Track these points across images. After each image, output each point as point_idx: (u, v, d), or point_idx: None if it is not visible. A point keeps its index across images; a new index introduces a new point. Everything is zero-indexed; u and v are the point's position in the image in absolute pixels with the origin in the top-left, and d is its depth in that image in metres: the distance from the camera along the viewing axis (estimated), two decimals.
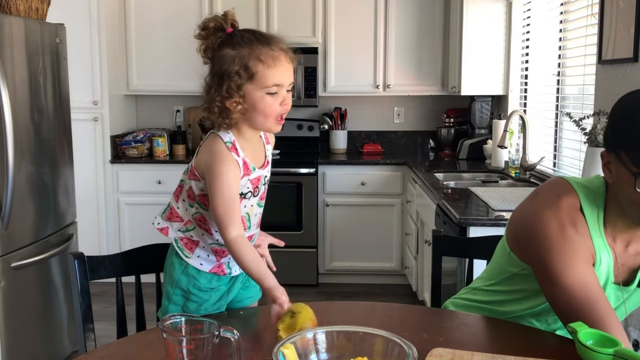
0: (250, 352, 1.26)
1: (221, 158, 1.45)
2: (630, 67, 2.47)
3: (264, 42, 1.43)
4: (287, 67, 1.46)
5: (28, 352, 2.86)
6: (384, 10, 4.45)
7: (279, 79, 1.43)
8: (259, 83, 1.42)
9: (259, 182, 1.54)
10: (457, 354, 1.19)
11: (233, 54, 1.41)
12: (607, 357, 1.15)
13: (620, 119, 1.30)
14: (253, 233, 1.60)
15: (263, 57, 1.41)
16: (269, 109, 1.44)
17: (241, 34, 1.44)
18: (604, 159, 1.32)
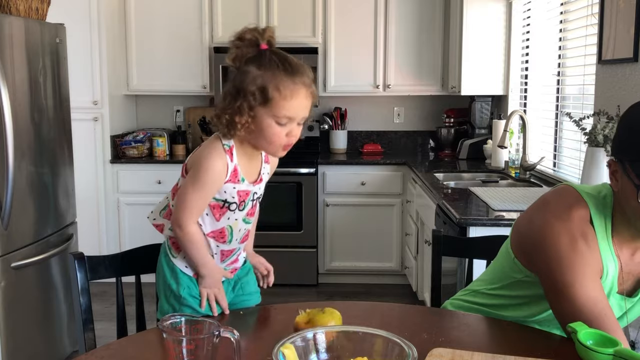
0: (250, 352, 1.26)
1: (212, 153, 1.46)
2: (630, 67, 2.47)
3: (289, 71, 1.41)
4: (304, 102, 1.43)
5: (28, 352, 2.86)
6: (384, 10, 4.45)
7: (291, 113, 1.42)
8: (271, 111, 1.41)
9: (247, 197, 1.53)
10: (457, 354, 1.19)
11: (255, 74, 1.41)
12: (607, 357, 1.15)
13: (626, 129, 1.30)
14: (234, 247, 1.58)
15: (282, 87, 1.39)
16: (275, 138, 1.44)
17: (270, 56, 1.42)
18: (611, 167, 1.32)
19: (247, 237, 1.63)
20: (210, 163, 1.45)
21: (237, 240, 1.57)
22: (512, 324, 1.44)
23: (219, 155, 1.46)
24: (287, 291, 4.16)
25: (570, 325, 1.22)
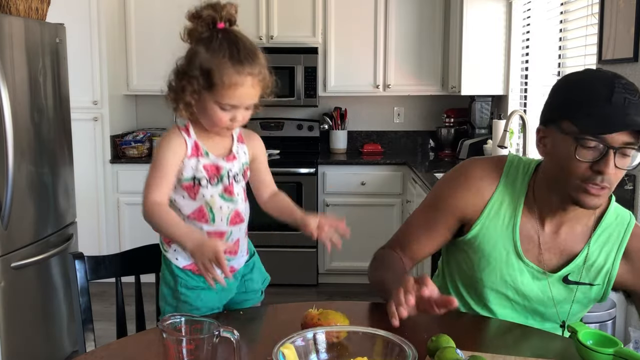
0: (250, 352, 1.26)
1: (166, 134, 1.50)
2: (630, 67, 2.47)
3: (235, 59, 1.38)
4: (249, 91, 1.41)
5: (28, 352, 2.86)
6: (384, 10, 4.45)
7: (235, 101, 1.41)
8: (214, 96, 1.40)
9: (219, 172, 1.51)
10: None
11: (202, 58, 1.40)
12: (607, 357, 1.15)
13: (562, 91, 1.35)
14: (223, 230, 1.53)
15: (225, 77, 1.38)
16: (217, 120, 1.44)
17: (220, 40, 1.40)
18: (539, 134, 1.38)
19: (240, 221, 1.57)
20: (164, 141, 1.48)
21: (222, 220, 1.52)
22: (513, 324, 1.44)
23: (173, 133, 1.49)
24: (287, 291, 4.16)
25: (570, 325, 1.22)
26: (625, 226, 1.44)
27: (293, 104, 4.44)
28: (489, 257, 1.45)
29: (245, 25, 4.70)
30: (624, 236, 1.43)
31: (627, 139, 1.25)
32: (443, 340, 1.16)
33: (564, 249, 1.43)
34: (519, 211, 1.44)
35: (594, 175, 1.26)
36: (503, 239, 1.44)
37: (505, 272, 1.44)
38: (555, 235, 1.43)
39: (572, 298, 1.44)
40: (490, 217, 1.45)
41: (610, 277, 1.43)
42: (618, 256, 1.42)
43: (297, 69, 4.39)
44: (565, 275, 1.43)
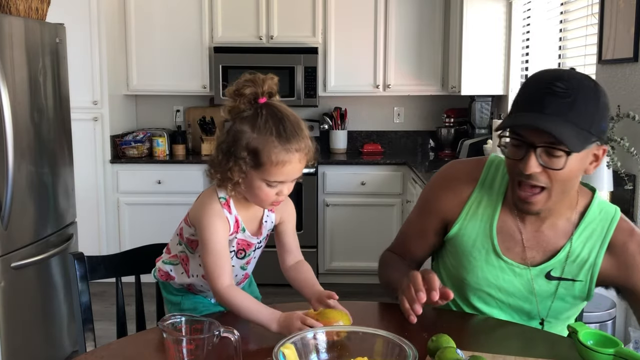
0: (250, 352, 1.26)
1: (211, 212, 1.43)
2: (630, 67, 2.47)
3: (283, 137, 1.36)
4: (296, 166, 1.40)
5: (28, 352, 2.86)
6: (384, 10, 4.45)
7: (283, 178, 1.40)
8: (262, 175, 1.38)
9: (249, 249, 1.51)
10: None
11: (248, 137, 1.36)
12: (607, 357, 1.15)
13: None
14: None
15: (274, 155, 1.35)
16: (264, 197, 1.42)
17: (267, 117, 1.37)
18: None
19: (245, 279, 1.61)
20: (211, 223, 1.42)
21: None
22: (513, 324, 1.44)
23: (216, 212, 1.43)
24: (287, 291, 4.15)
25: (570, 325, 1.22)
26: (610, 220, 1.42)
27: (293, 104, 4.43)
28: (469, 257, 1.47)
29: (245, 25, 4.73)
30: (608, 230, 1.41)
31: (550, 138, 1.24)
32: (443, 340, 1.16)
33: (547, 245, 1.43)
34: (497, 210, 1.45)
35: (521, 172, 1.29)
36: (481, 237, 1.46)
37: (487, 270, 1.46)
38: (537, 232, 1.43)
39: (555, 294, 1.43)
40: (468, 216, 1.47)
41: (594, 273, 1.41)
42: (602, 251, 1.41)
43: (297, 69, 4.39)
44: (547, 271, 1.43)
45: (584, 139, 1.26)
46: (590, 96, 1.27)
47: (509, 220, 1.45)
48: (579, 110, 1.25)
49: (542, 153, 1.26)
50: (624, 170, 2.40)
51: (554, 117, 1.24)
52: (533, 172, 1.27)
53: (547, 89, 1.26)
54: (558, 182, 1.30)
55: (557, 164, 1.26)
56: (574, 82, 1.27)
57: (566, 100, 1.24)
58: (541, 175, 1.28)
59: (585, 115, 1.25)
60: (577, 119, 1.24)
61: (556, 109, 1.24)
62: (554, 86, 1.25)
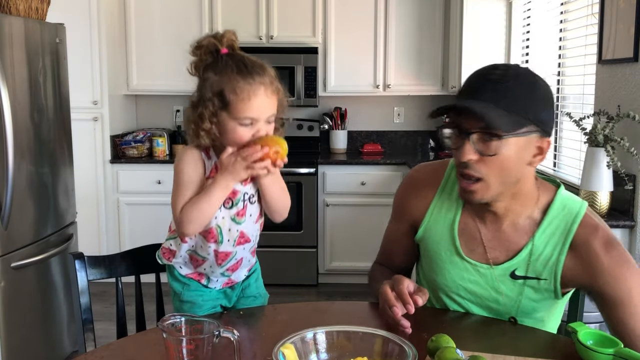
0: (250, 352, 1.26)
1: (185, 153, 1.48)
2: (630, 67, 2.47)
3: (244, 72, 1.39)
4: (265, 101, 1.42)
5: (28, 352, 2.86)
6: (384, 10, 4.45)
7: (253, 113, 1.41)
8: (232, 114, 1.40)
9: (235, 197, 1.51)
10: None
11: (213, 80, 1.40)
12: (607, 357, 1.15)
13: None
14: (229, 251, 1.54)
15: (238, 90, 1.38)
16: (240, 140, 1.42)
17: (226, 60, 1.42)
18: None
19: (245, 241, 1.57)
20: (183, 159, 1.47)
21: (229, 242, 1.53)
22: (513, 324, 1.44)
23: (191, 151, 1.47)
24: (287, 291, 4.16)
25: (570, 325, 1.22)
26: (574, 216, 1.38)
27: (293, 103, 4.43)
28: (436, 259, 1.49)
29: (245, 25, 4.72)
30: (572, 227, 1.37)
31: (482, 124, 1.25)
32: (443, 340, 1.16)
33: (509, 245, 1.42)
34: (458, 212, 1.46)
35: (459, 162, 1.30)
36: (444, 240, 1.47)
37: (453, 272, 1.47)
38: (498, 232, 1.42)
39: (522, 293, 1.42)
40: (432, 219, 1.49)
41: (557, 271, 1.37)
42: (564, 249, 1.37)
43: (297, 69, 4.39)
44: (512, 271, 1.41)
45: (515, 122, 1.26)
46: (525, 84, 1.28)
47: (470, 221, 1.45)
48: (513, 96, 1.26)
49: (477, 140, 1.27)
50: (624, 170, 2.40)
51: (486, 101, 1.25)
52: (469, 160, 1.28)
53: (484, 76, 1.30)
54: (494, 171, 1.29)
55: (490, 150, 1.27)
56: (511, 71, 1.29)
57: (500, 85, 1.26)
58: (477, 164, 1.29)
59: (518, 100, 1.26)
60: (510, 104, 1.25)
61: (489, 94, 1.26)
62: (490, 74, 1.29)
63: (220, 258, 1.53)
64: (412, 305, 1.31)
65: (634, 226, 2.43)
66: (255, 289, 1.67)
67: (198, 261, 1.56)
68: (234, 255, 1.56)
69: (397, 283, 1.35)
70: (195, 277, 1.59)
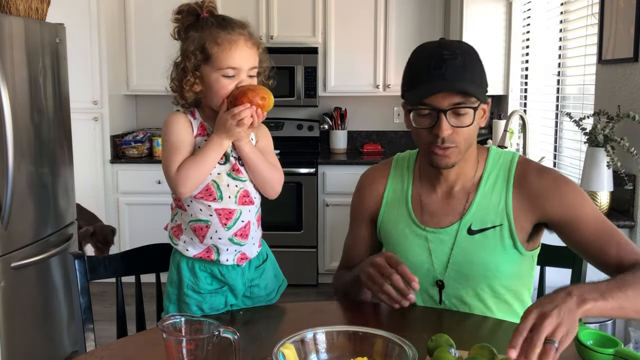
0: (250, 352, 1.26)
1: (170, 116, 1.52)
2: (630, 67, 2.47)
3: (224, 25, 1.47)
4: (246, 51, 1.47)
5: (28, 352, 2.86)
6: (384, 10, 4.45)
7: (234, 62, 1.45)
8: (214, 65, 1.45)
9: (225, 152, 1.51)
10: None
11: (194, 36, 1.48)
12: (607, 357, 1.15)
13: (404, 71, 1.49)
14: (232, 208, 1.51)
15: (219, 40, 1.45)
16: (224, 91, 1.46)
17: (207, 18, 1.49)
18: (403, 110, 1.51)
19: (250, 202, 1.53)
20: (170, 122, 1.50)
21: (230, 198, 1.50)
22: (513, 325, 1.44)
23: (177, 115, 1.52)
24: (287, 291, 4.14)
25: None
26: (509, 161, 1.51)
27: (293, 104, 4.44)
28: (398, 240, 1.54)
29: None
30: (510, 169, 1.49)
31: (456, 99, 1.37)
32: (443, 340, 1.16)
33: (460, 206, 1.51)
34: (409, 187, 1.58)
35: (434, 138, 1.40)
36: (401, 215, 1.56)
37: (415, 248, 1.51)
38: (449, 197, 1.52)
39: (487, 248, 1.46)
40: (388, 204, 1.60)
41: (508, 212, 1.46)
42: (509, 190, 1.47)
43: (297, 69, 4.39)
44: (468, 227, 1.48)
45: (483, 92, 1.42)
46: (473, 56, 1.45)
47: (422, 195, 1.55)
48: (472, 69, 1.41)
49: (450, 115, 1.38)
50: (624, 170, 2.40)
51: (456, 80, 1.37)
52: (447, 135, 1.38)
53: (437, 58, 1.39)
54: (466, 138, 1.42)
55: (466, 121, 1.39)
56: (456, 47, 1.43)
57: (457, 62, 1.38)
58: (452, 136, 1.39)
59: (475, 72, 1.42)
60: (473, 77, 1.40)
61: (453, 73, 1.37)
62: (442, 54, 1.39)
63: (223, 216, 1.49)
64: (417, 283, 1.35)
65: (634, 226, 2.43)
66: (263, 290, 1.63)
67: (202, 229, 1.50)
68: (239, 215, 1.51)
69: (395, 261, 1.38)
70: (204, 256, 1.52)
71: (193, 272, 1.54)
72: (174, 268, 1.57)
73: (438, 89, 1.36)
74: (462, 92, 1.36)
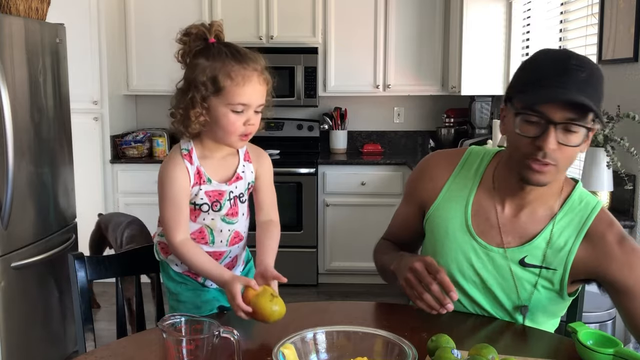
0: (250, 352, 1.26)
1: (168, 163, 1.46)
2: (630, 67, 2.47)
3: (238, 58, 1.40)
4: (258, 88, 1.42)
5: (28, 352, 2.86)
6: (384, 10, 4.45)
7: (246, 99, 1.40)
8: (225, 99, 1.40)
9: (222, 198, 1.50)
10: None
11: (205, 65, 1.40)
12: (607, 357, 1.15)
13: (518, 69, 1.37)
14: (222, 250, 1.55)
15: (233, 74, 1.38)
16: (231, 127, 1.42)
17: (219, 46, 1.42)
18: (501, 112, 1.40)
19: (239, 240, 1.57)
20: (168, 174, 1.44)
21: (222, 242, 1.53)
22: (513, 324, 1.44)
23: (175, 162, 1.45)
24: (287, 291, 4.14)
25: (570, 325, 1.22)
26: (590, 210, 1.41)
27: (293, 104, 4.44)
28: (443, 238, 1.47)
29: (245, 25, 4.73)
30: (588, 219, 1.40)
31: (571, 115, 1.25)
32: (443, 340, 1.16)
33: (524, 231, 1.42)
34: (472, 192, 1.47)
35: (535, 150, 1.28)
36: (457, 217, 1.47)
37: (460, 250, 1.45)
38: (516, 218, 1.43)
39: (534, 283, 1.41)
40: (445, 199, 1.50)
41: (568, 260, 1.38)
42: (578, 239, 1.39)
43: (297, 69, 4.39)
44: (522, 258, 1.41)
45: (599, 114, 1.28)
46: (598, 74, 1.30)
47: (486, 203, 1.46)
48: (594, 86, 1.27)
49: (560, 130, 1.27)
50: (624, 170, 2.40)
51: (578, 93, 1.24)
52: (552, 150, 1.27)
53: (563, 65, 1.27)
54: (567, 159, 1.31)
55: (574, 141, 1.28)
56: (583, 59, 1.29)
57: (582, 76, 1.26)
58: (555, 153, 1.28)
59: (598, 91, 1.29)
60: (593, 94, 1.27)
61: (577, 85, 1.25)
62: (569, 64, 1.27)
63: (213, 257, 1.52)
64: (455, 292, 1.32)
65: (634, 226, 2.43)
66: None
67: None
68: (228, 254, 1.56)
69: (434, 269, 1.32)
70: (192, 275, 1.58)
71: (180, 293, 1.57)
72: (165, 275, 1.60)
73: (557, 97, 1.24)
74: (581, 107, 1.25)
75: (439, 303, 1.31)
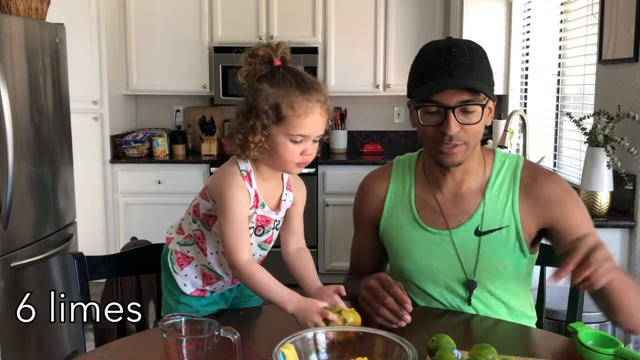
0: (250, 352, 1.26)
1: (233, 183, 1.41)
2: (630, 67, 2.47)
3: (302, 88, 1.36)
4: (319, 119, 1.38)
5: (28, 352, 2.86)
6: (384, 10, 4.45)
7: (306, 131, 1.37)
8: (285, 129, 1.36)
9: (268, 225, 1.48)
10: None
11: (268, 92, 1.36)
12: (607, 357, 1.15)
13: (410, 70, 1.49)
14: None
15: (296, 105, 1.34)
16: (289, 156, 1.39)
17: (284, 73, 1.38)
18: (409, 109, 1.52)
19: (262, 262, 1.55)
20: (234, 194, 1.40)
21: None
22: (513, 324, 1.44)
23: (239, 185, 1.41)
24: None
25: (570, 325, 1.22)
26: (515, 165, 1.52)
27: None
28: (401, 242, 1.56)
29: (245, 25, 4.71)
30: (515, 172, 1.51)
31: (464, 97, 1.37)
32: (443, 340, 1.16)
33: (467, 206, 1.51)
34: (412, 188, 1.58)
35: (441, 136, 1.40)
36: (405, 218, 1.56)
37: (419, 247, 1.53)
38: (455, 198, 1.53)
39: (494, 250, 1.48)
40: (390, 208, 1.60)
41: (515, 214, 1.47)
42: (515, 192, 1.49)
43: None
44: (475, 228, 1.49)
45: (491, 90, 1.42)
46: (482, 54, 1.43)
47: (426, 196, 1.56)
48: (480, 67, 1.41)
49: (458, 113, 1.38)
50: (624, 170, 2.40)
51: (465, 77, 1.37)
52: (455, 132, 1.38)
53: (446, 55, 1.39)
54: (473, 135, 1.42)
55: (474, 119, 1.40)
56: (464, 45, 1.42)
57: (465, 60, 1.38)
58: (459, 134, 1.40)
59: (485, 70, 1.42)
60: (481, 74, 1.40)
61: (462, 70, 1.37)
62: (450, 52, 1.39)
63: (236, 279, 1.50)
64: (410, 304, 1.36)
65: (634, 226, 2.42)
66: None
67: (212, 279, 1.51)
68: None
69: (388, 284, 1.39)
70: (198, 294, 1.53)
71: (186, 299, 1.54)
72: (169, 282, 1.56)
73: (447, 85, 1.37)
74: (471, 89, 1.37)
75: (396, 316, 1.35)
